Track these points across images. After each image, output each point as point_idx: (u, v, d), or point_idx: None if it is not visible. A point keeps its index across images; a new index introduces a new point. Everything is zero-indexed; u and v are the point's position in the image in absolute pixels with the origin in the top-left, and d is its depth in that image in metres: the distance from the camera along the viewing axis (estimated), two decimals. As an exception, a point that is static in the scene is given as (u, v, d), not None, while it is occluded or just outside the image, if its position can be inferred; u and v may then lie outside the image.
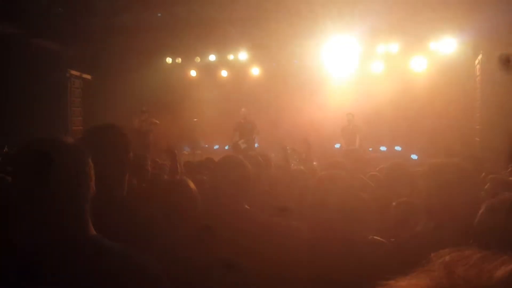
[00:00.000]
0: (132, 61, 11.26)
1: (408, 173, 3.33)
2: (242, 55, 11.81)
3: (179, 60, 12.22)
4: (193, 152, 11.23)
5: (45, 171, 1.10)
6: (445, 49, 10.03)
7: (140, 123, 9.93)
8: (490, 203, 1.64)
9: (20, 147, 1.20)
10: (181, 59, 12.21)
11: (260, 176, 2.84)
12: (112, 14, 8.77)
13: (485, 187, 3.17)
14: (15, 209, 1.17)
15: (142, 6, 8.72)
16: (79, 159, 1.18)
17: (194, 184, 2.21)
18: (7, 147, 7.63)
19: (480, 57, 9.25)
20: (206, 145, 12.41)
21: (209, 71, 12.37)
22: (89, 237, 1.18)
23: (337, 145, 10.53)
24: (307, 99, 10.75)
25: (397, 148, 11.00)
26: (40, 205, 1.11)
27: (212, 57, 12.04)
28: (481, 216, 1.60)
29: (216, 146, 12.40)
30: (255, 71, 12.17)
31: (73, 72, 11.47)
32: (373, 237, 1.98)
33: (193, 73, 12.61)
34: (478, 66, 9.49)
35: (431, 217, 1.91)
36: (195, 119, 11.77)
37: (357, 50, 10.70)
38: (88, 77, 12.05)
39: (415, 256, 0.66)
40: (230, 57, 12.03)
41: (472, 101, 9.74)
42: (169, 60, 12.24)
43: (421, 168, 2.13)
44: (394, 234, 2.14)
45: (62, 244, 1.12)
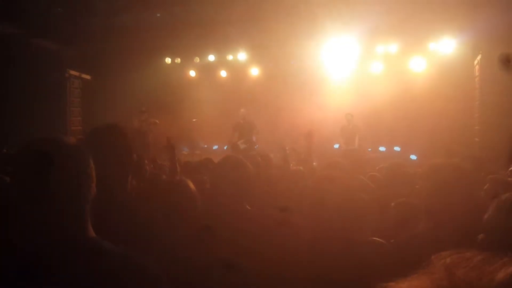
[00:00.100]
0: (131, 61, 11.24)
1: (408, 174, 3.34)
2: (241, 56, 11.80)
3: (178, 60, 12.19)
4: (192, 152, 11.19)
5: (46, 171, 1.10)
6: (444, 50, 10.04)
7: (140, 123, 9.93)
8: (501, 201, 1.63)
9: (21, 147, 1.20)
10: (180, 59, 12.18)
11: (260, 176, 2.84)
12: (112, 14, 8.76)
13: (485, 187, 3.17)
14: (15, 209, 1.17)
15: (142, 6, 8.71)
16: (80, 160, 1.18)
17: (194, 184, 2.21)
18: (7, 147, 7.61)
19: (479, 58, 9.25)
20: (205, 146, 12.38)
21: (208, 71, 12.35)
22: (89, 238, 1.18)
23: (336, 145, 10.51)
24: (307, 99, 10.73)
25: (396, 149, 10.97)
26: (40, 205, 1.11)
27: (212, 57, 12.02)
28: (491, 214, 1.60)
29: (215, 147, 12.37)
30: (254, 72, 12.15)
31: (72, 72, 11.46)
32: (373, 238, 1.98)
33: (192, 73, 12.59)
34: (477, 67, 9.49)
35: (431, 218, 1.91)
36: (194, 119, 11.74)
37: (356, 51, 10.68)
38: (87, 77, 12.04)
39: (415, 257, 0.66)
40: (230, 58, 12.01)
41: (471, 101, 9.73)
42: (168, 60, 12.22)
43: (421, 169, 2.13)
44: (394, 235, 2.14)
45: (62, 245, 1.12)
